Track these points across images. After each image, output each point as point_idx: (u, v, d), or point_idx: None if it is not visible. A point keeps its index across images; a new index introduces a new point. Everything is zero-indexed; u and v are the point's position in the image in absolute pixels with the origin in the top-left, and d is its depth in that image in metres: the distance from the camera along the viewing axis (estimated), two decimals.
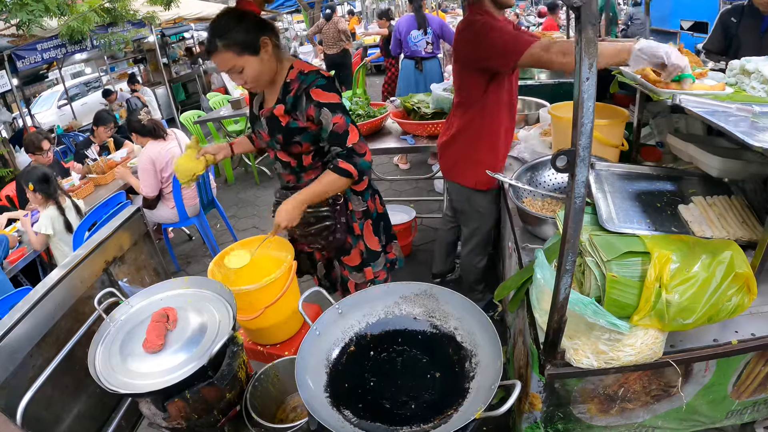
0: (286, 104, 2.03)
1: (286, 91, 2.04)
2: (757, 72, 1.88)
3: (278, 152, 2.20)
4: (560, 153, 1.07)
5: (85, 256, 2.00)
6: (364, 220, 2.35)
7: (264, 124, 2.14)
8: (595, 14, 0.94)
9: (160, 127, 4.39)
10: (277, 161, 2.26)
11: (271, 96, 2.13)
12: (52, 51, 7.50)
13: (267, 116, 2.11)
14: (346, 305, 1.65)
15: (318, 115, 1.99)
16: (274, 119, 2.08)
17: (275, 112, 2.06)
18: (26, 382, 1.60)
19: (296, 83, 2.01)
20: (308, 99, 1.99)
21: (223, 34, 1.88)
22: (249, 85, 2.02)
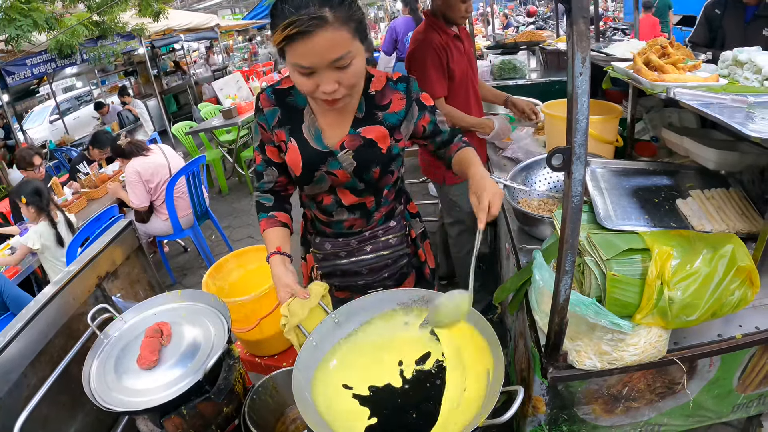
0: (380, 123, 1.58)
1: (375, 105, 1.58)
2: (750, 62, 1.88)
3: (353, 194, 1.67)
4: (555, 151, 1.05)
5: (77, 272, 1.97)
6: (423, 241, 1.97)
7: (349, 159, 1.57)
8: (586, 8, 0.92)
9: (140, 146, 4.41)
10: (340, 207, 1.71)
11: (337, 117, 1.58)
12: (42, 66, 7.49)
13: (358, 144, 1.56)
14: (342, 314, 1.61)
15: (434, 122, 1.67)
16: (370, 147, 1.57)
17: (374, 137, 1.57)
18: (21, 402, 1.57)
19: (392, 94, 1.60)
20: (421, 107, 1.64)
21: (334, 2, 1.26)
22: (342, 92, 1.36)
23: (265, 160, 1.68)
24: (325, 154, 1.57)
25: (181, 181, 4.38)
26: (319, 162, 1.57)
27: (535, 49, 5.18)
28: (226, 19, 18.57)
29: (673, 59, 1.98)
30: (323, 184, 1.63)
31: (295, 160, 1.59)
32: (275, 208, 1.73)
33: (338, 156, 1.56)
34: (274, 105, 1.60)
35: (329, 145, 1.57)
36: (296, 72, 1.33)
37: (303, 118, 1.58)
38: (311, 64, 1.29)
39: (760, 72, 1.82)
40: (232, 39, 19.36)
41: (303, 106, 1.59)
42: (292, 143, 1.58)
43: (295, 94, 1.59)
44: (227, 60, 16.79)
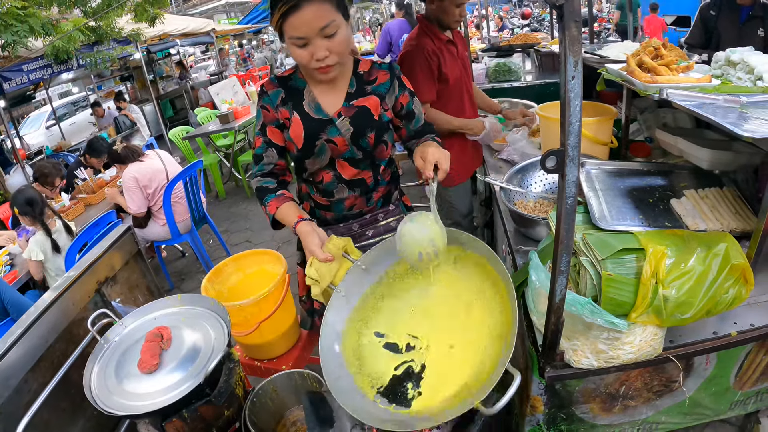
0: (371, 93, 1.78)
1: (364, 81, 1.79)
2: (742, 62, 1.90)
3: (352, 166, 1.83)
4: (549, 153, 1.07)
5: (76, 277, 1.98)
6: None
7: (346, 125, 1.75)
8: (577, 12, 0.93)
9: (136, 151, 4.41)
10: (340, 184, 1.86)
11: (333, 92, 1.78)
12: (39, 71, 7.49)
13: (353, 112, 1.75)
14: (367, 261, 1.60)
15: (411, 104, 1.85)
16: (364, 113, 1.76)
17: (368, 104, 1.76)
18: (22, 408, 1.57)
19: (377, 72, 1.80)
20: (401, 86, 1.82)
21: None
22: (332, 59, 1.59)
23: (266, 141, 1.81)
24: (325, 122, 1.75)
25: (178, 186, 4.39)
26: (320, 130, 1.74)
27: (530, 51, 5.21)
28: (222, 23, 18.58)
29: (666, 60, 2.00)
30: (324, 156, 1.78)
31: (297, 132, 1.75)
32: (280, 188, 1.84)
33: (336, 123, 1.74)
34: (277, 87, 1.79)
35: (328, 113, 1.76)
36: (293, 46, 1.57)
37: (303, 96, 1.77)
38: (304, 34, 1.52)
39: (753, 72, 1.84)
40: (227, 43, 19.37)
41: (303, 87, 1.78)
42: (296, 116, 1.75)
43: (295, 78, 1.80)
44: (227, 61, 16.80)
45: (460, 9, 2.69)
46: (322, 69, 1.61)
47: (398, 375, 1.37)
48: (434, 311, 1.51)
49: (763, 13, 3.81)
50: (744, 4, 3.85)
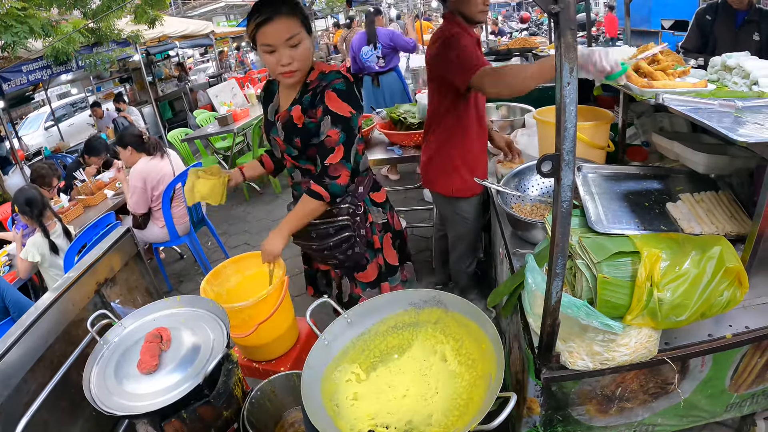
0: (302, 104, 1.95)
1: (305, 91, 1.97)
2: (738, 67, 1.91)
3: (295, 160, 2.09)
4: (545, 158, 1.08)
5: (76, 278, 1.99)
6: (384, 233, 2.25)
7: (279, 129, 2.02)
8: (573, 19, 0.95)
9: (160, 146, 4.38)
10: (296, 170, 2.14)
11: (287, 99, 2.05)
12: (38, 72, 7.47)
13: (284, 119, 2.00)
14: (355, 314, 1.65)
15: (321, 120, 1.92)
16: (290, 121, 1.97)
17: (292, 113, 1.96)
18: (22, 408, 1.58)
19: (316, 83, 1.95)
20: (320, 99, 1.91)
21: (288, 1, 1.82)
22: (295, 65, 1.86)
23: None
24: (271, 123, 2.10)
25: (177, 188, 4.38)
26: (269, 129, 2.12)
27: (528, 55, 5.23)
28: (221, 25, 18.58)
29: (663, 65, 2.02)
30: (275, 149, 2.15)
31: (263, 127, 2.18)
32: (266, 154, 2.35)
33: (276, 125, 2.05)
34: (264, 90, 2.22)
35: (273, 118, 2.10)
36: (264, 53, 1.86)
37: (273, 99, 2.14)
38: (272, 42, 1.81)
39: (748, 77, 1.85)
40: (226, 45, 19.38)
41: (275, 92, 2.14)
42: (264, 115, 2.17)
43: (275, 84, 2.16)
44: (227, 63, 16.80)
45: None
46: (285, 74, 1.89)
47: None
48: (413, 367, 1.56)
49: (758, 17, 3.83)
50: (739, 8, 3.87)
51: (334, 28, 18.79)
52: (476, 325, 1.48)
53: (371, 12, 6.18)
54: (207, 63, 19.85)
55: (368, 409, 1.43)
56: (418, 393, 1.45)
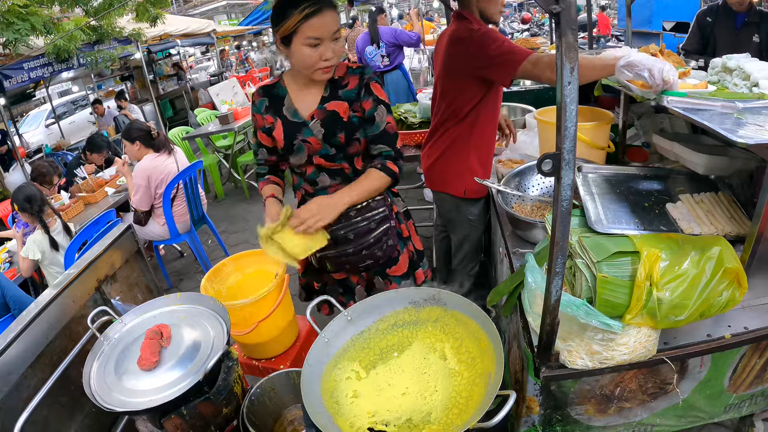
0: (343, 98, 1.91)
1: (338, 86, 1.93)
2: (738, 69, 1.91)
3: (328, 161, 1.98)
4: (545, 157, 1.09)
5: (77, 275, 1.99)
6: (407, 219, 2.23)
7: (316, 128, 1.91)
8: (574, 20, 0.95)
9: (168, 143, 4.37)
10: (323, 173, 2.01)
11: (312, 97, 1.95)
12: (39, 70, 7.47)
13: (323, 116, 1.91)
14: (355, 312, 1.66)
15: (373, 110, 1.92)
16: (334, 117, 1.90)
17: (335, 109, 1.90)
18: (22, 403, 1.58)
19: (350, 77, 1.93)
20: (367, 92, 1.92)
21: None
22: (334, 60, 1.80)
23: (258, 142, 2.09)
24: (300, 125, 1.94)
25: (178, 186, 4.38)
26: (296, 132, 1.94)
27: None
28: (223, 24, 18.58)
29: None
30: (302, 153, 1.96)
31: (279, 134, 1.97)
32: (269, 173, 2.16)
33: (309, 125, 1.92)
34: (262, 96, 2.02)
35: (302, 117, 1.95)
36: (305, 46, 1.75)
37: (284, 102, 1.97)
38: (321, 35, 1.72)
39: (749, 78, 1.86)
40: (227, 44, 19.39)
41: (284, 95, 1.98)
42: (278, 120, 1.97)
43: (278, 87, 2.00)
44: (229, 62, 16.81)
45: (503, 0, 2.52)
46: (326, 69, 1.81)
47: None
48: (413, 365, 1.55)
49: (758, 19, 3.85)
50: (740, 10, 3.89)
51: None
52: (476, 323, 1.48)
53: (373, 11, 6.18)
54: (208, 62, 19.85)
55: (368, 406, 1.43)
56: (417, 391, 1.45)
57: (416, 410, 1.40)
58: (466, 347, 1.49)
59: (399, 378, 1.51)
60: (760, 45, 3.81)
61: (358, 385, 1.50)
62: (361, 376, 1.53)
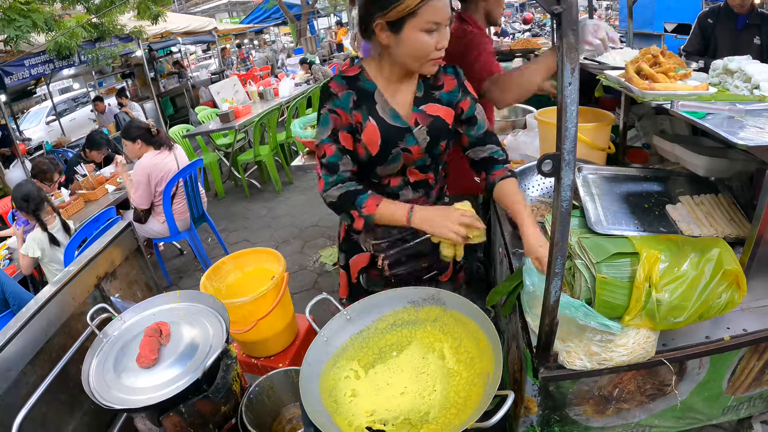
0: (440, 101, 1.72)
1: (431, 86, 1.73)
2: (740, 71, 1.91)
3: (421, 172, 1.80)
4: (545, 157, 1.09)
5: (76, 272, 1.99)
6: None
7: (423, 135, 1.70)
8: (575, 20, 0.95)
9: (169, 140, 4.37)
10: (407, 186, 1.81)
11: (400, 96, 1.71)
12: (40, 67, 7.49)
13: (430, 122, 1.70)
14: (354, 311, 1.65)
15: (473, 109, 1.76)
16: (440, 123, 1.72)
17: (442, 114, 1.72)
18: (20, 400, 1.58)
19: (444, 76, 1.75)
20: (464, 91, 1.75)
21: None
22: (442, 51, 1.57)
23: (340, 149, 1.68)
24: (403, 131, 1.68)
25: (178, 183, 4.38)
26: (397, 138, 1.67)
27: (530, 56, 5.22)
28: (224, 22, 18.59)
29: (664, 68, 2.02)
30: (396, 164, 1.72)
31: (373, 139, 1.67)
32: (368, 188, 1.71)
33: (414, 131, 1.68)
34: (347, 89, 1.67)
35: (407, 121, 1.69)
36: (422, 32, 1.50)
37: (375, 99, 1.68)
38: (441, 19, 1.50)
39: (750, 81, 1.85)
40: (229, 42, 19.39)
41: (373, 90, 1.68)
42: (371, 122, 1.66)
43: (363, 80, 1.69)
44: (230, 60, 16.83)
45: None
46: (438, 60, 1.59)
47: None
48: (412, 364, 1.54)
49: (759, 21, 3.86)
50: (741, 12, 3.89)
51: (336, 27, 18.79)
52: (475, 323, 1.48)
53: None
54: (209, 60, 19.86)
55: (366, 405, 1.43)
56: (416, 390, 1.45)
57: (414, 410, 1.40)
58: (465, 347, 1.49)
59: (398, 377, 1.51)
60: (761, 47, 3.81)
61: (356, 384, 1.50)
62: (359, 375, 1.53)
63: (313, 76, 9.69)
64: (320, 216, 5.89)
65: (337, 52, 15.26)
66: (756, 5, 3.90)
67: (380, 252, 1.81)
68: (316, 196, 6.53)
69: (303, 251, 5.13)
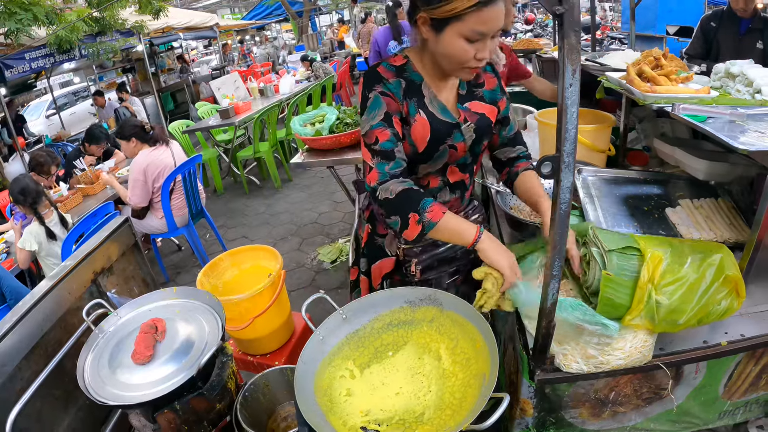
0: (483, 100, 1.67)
1: (473, 84, 1.67)
2: (741, 75, 1.91)
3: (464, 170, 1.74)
4: (545, 159, 1.08)
5: (73, 267, 1.98)
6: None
7: (470, 132, 1.64)
8: (577, 21, 0.94)
9: (164, 135, 4.36)
10: (445, 187, 1.74)
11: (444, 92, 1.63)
12: (41, 60, 7.47)
13: (477, 119, 1.64)
14: (350, 310, 1.64)
15: (508, 109, 1.73)
16: (487, 122, 1.67)
17: (486, 112, 1.66)
18: (15, 395, 1.57)
19: (483, 75, 1.69)
20: (502, 91, 1.71)
21: None
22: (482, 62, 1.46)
23: (395, 134, 1.53)
24: (452, 126, 1.60)
25: (177, 179, 4.38)
26: (446, 134, 1.59)
27: (532, 56, 5.22)
28: (226, 18, 18.57)
29: (666, 71, 2.01)
30: (440, 161, 1.64)
31: (422, 134, 1.57)
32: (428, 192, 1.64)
33: (462, 128, 1.61)
34: (396, 77, 1.56)
35: (455, 117, 1.61)
36: (464, 40, 1.39)
37: (423, 92, 1.58)
38: (489, 30, 1.37)
39: (752, 85, 1.85)
40: (230, 38, 19.36)
41: (420, 82, 1.59)
42: (421, 115, 1.56)
43: (409, 71, 1.59)
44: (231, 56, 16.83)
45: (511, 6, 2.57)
46: (474, 69, 1.49)
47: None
48: (407, 365, 1.53)
49: (762, 25, 3.85)
50: (744, 16, 3.89)
51: (338, 24, 18.77)
52: (471, 324, 1.47)
53: (391, 6, 6.18)
54: (210, 55, 19.84)
55: (361, 405, 1.43)
56: (411, 391, 1.45)
57: (409, 410, 1.39)
58: (461, 348, 1.48)
59: (393, 377, 1.50)
60: (764, 51, 3.80)
61: (351, 383, 1.50)
62: (355, 375, 1.52)
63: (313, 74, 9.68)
64: (319, 214, 5.89)
65: (339, 50, 15.27)
66: (759, 10, 3.90)
67: (412, 257, 1.80)
68: (315, 194, 6.52)
69: (301, 249, 5.12)
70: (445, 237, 1.52)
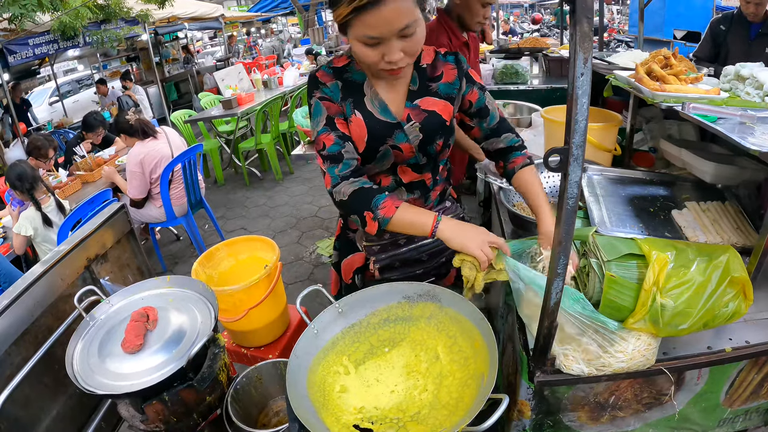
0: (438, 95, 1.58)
1: (428, 77, 1.58)
2: (752, 77, 1.88)
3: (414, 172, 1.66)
4: (553, 151, 1.04)
5: (66, 252, 1.95)
6: None
7: (415, 132, 1.56)
8: (590, 7, 0.91)
9: (149, 126, 4.34)
10: (400, 187, 1.68)
11: (394, 89, 1.57)
12: (44, 46, 7.44)
13: (424, 117, 1.56)
14: (347, 304, 1.60)
15: (482, 99, 1.63)
16: (435, 119, 1.58)
17: (438, 110, 1.58)
18: (3, 381, 1.55)
19: (443, 65, 1.59)
20: (469, 81, 1.61)
21: None
22: (405, 60, 1.38)
23: (339, 135, 1.52)
24: (393, 126, 1.55)
25: (177, 168, 4.35)
26: (386, 134, 1.54)
27: (538, 55, 5.19)
28: (232, 10, 18.53)
29: (675, 70, 1.98)
30: (386, 162, 1.59)
31: (359, 134, 1.54)
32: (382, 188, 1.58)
33: (405, 128, 1.55)
34: (333, 79, 1.54)
35: (396, 116, 1.55)
36: (361, 44, 1.35)
37: (364, 91, 1.55)
38: (380, 34, 1.30)
39: (762, 88, 1.82)
40: (236, 30, 19.32)
41: (362, 81, 1.55)
42: (357, 116, 1.53)
43: (351, 70, 1.56)
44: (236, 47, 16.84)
45: (485, 10, 2.52)
46: (392, 71, 1.42)
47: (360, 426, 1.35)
48: (403, 362, 1.50)
49: None
50: (754, 21, 3.86)
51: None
52: (471, 322, 1.44)
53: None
54: (215, 47, 19.81)
55: (355, 402, 1.40)
56: (406, 389, 1.41)
57: (404, 409, 1.36)
58: (459, 346, 1.45)
59: (388, 374, 1.47)
60: None
61: (346, 379, 1.46)
62: (349, 371, 1.49)
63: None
64: (319, 207, 5.86)
65: (344, 44, 15.23)
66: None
67: (371, 255, 1.77)
68: (316, 187, 6.50)
69: (300, 242, 5.09)
70: (405, 230, 1.49)
